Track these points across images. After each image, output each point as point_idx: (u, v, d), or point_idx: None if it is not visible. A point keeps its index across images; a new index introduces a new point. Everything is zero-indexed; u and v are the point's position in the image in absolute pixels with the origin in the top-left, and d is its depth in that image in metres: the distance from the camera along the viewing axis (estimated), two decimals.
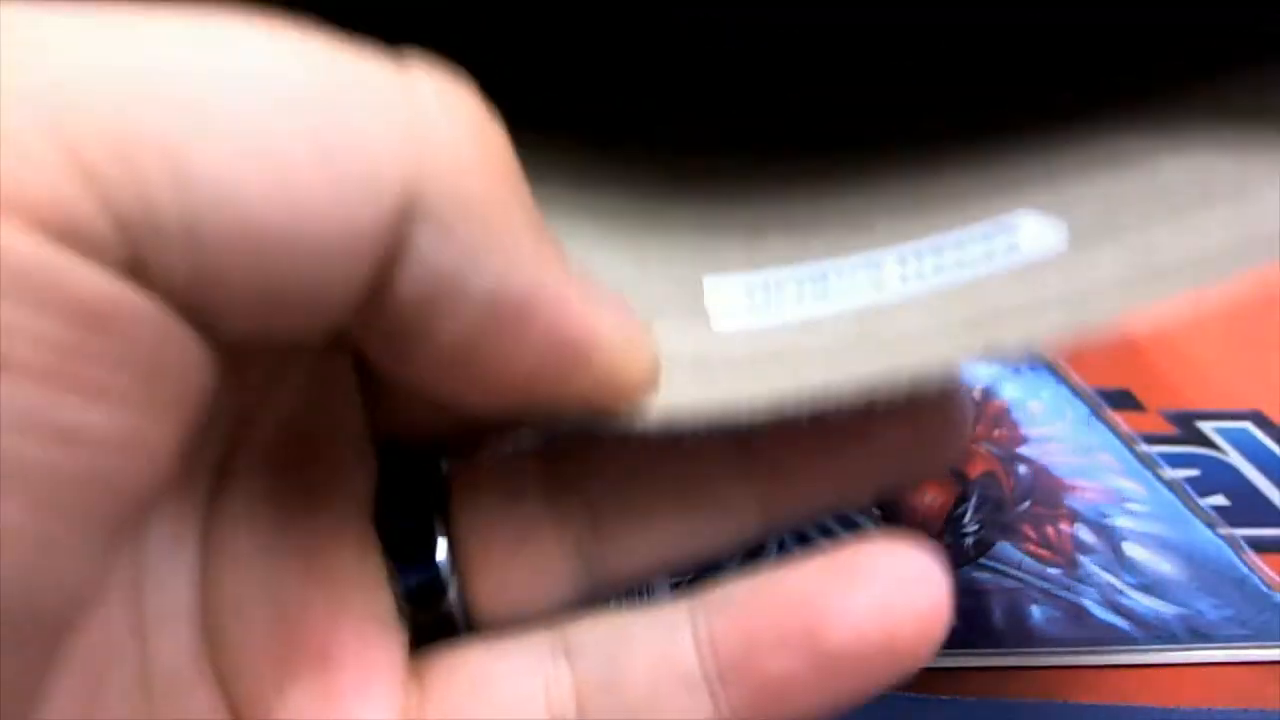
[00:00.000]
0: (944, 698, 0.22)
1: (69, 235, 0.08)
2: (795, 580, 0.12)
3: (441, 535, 0.13)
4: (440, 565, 0.13)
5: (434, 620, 0.13)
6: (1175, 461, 0.27)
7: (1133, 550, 0.25)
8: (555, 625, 0.13)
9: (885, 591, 0.11)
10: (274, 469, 0.12)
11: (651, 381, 0.12)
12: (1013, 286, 0.13)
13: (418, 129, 0.09)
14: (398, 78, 0.09)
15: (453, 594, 0.13)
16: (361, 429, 0.13)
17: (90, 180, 0.08)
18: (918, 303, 0.14)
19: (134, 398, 0.08)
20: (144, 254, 0.08)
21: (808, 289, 0.15)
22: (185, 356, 0.09)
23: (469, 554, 0.13)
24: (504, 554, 0.13)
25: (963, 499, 0.26)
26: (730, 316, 0.14)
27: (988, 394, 0.29)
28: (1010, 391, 0.29)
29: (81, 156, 0.08)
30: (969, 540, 0.26)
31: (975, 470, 0.27)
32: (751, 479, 0.13)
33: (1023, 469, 0.27)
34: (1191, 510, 0.27)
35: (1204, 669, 0.22)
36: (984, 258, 0.14)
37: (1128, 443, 0.28)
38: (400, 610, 0.13)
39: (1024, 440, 0.28)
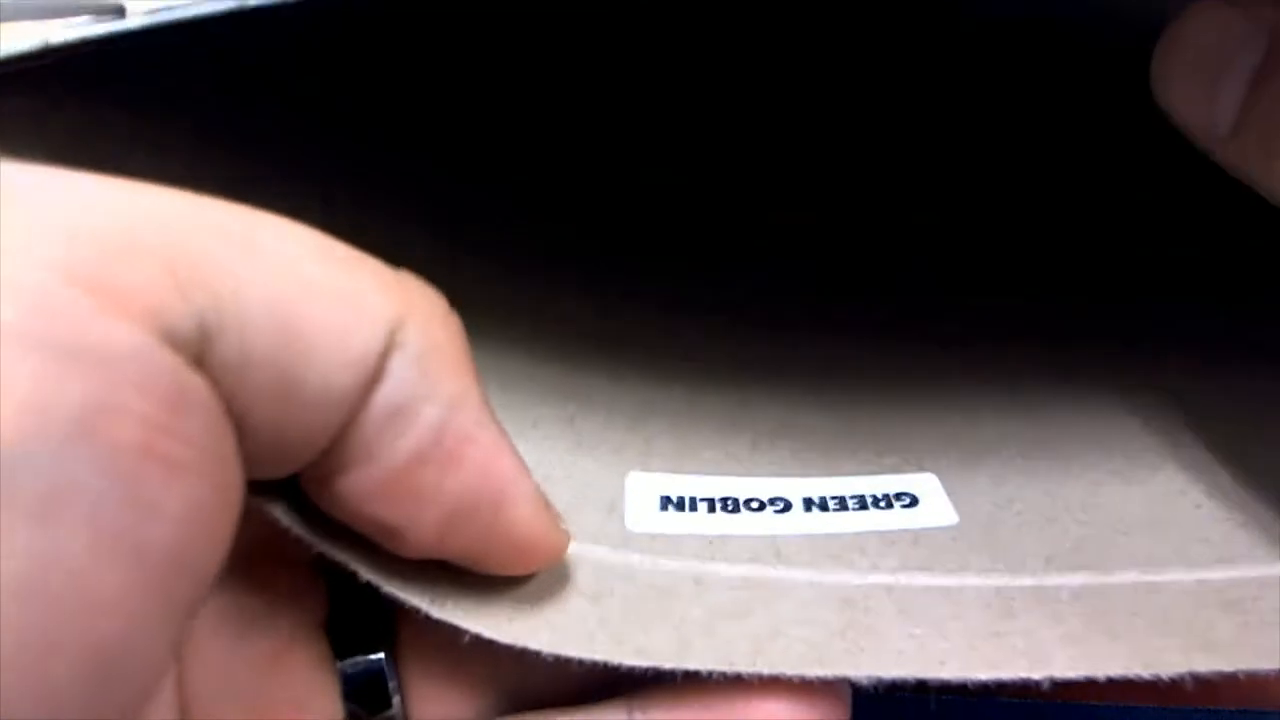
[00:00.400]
0: (944, 697, 0.22)
1: (165, 332, 0.10)
2: (720, 682, 0.13)
3: (387, 651, 0.15)
4: (386, 677, 0.14)
5: None
6: None
7: None
8: None
9: (794, 694, 0.13)
10: (237, 590, 0.14)
11: (558, 555, 0.14)
12: (893, 563, 0.15)
13: (402, 293, 0.12)
14: (391, 269, 0.12)
15: (396, 705, 0.14)
16: (310, 556, 0.14)
17: (182, 292, 0.10)
18: (810, 546, 0.15)
19: (203, 475, 0.10)
20: (208, 349, 0.10)
21: (719, 512, 0.16)
22: (233, 445, 0.10)
23: (411, 670, 0.15)
24: (443, 673, 0.15)
25: None
26: (644, 520, 0.16)
27: None
28: None
29: (177, 276, 0.10)
30: None
31: None
32: None
33: None
34: None
35: None
36: (882, 512, 0.16)
37: None
38: (349, 714, 0.14)
39: None
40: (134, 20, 0.13)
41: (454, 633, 0.13)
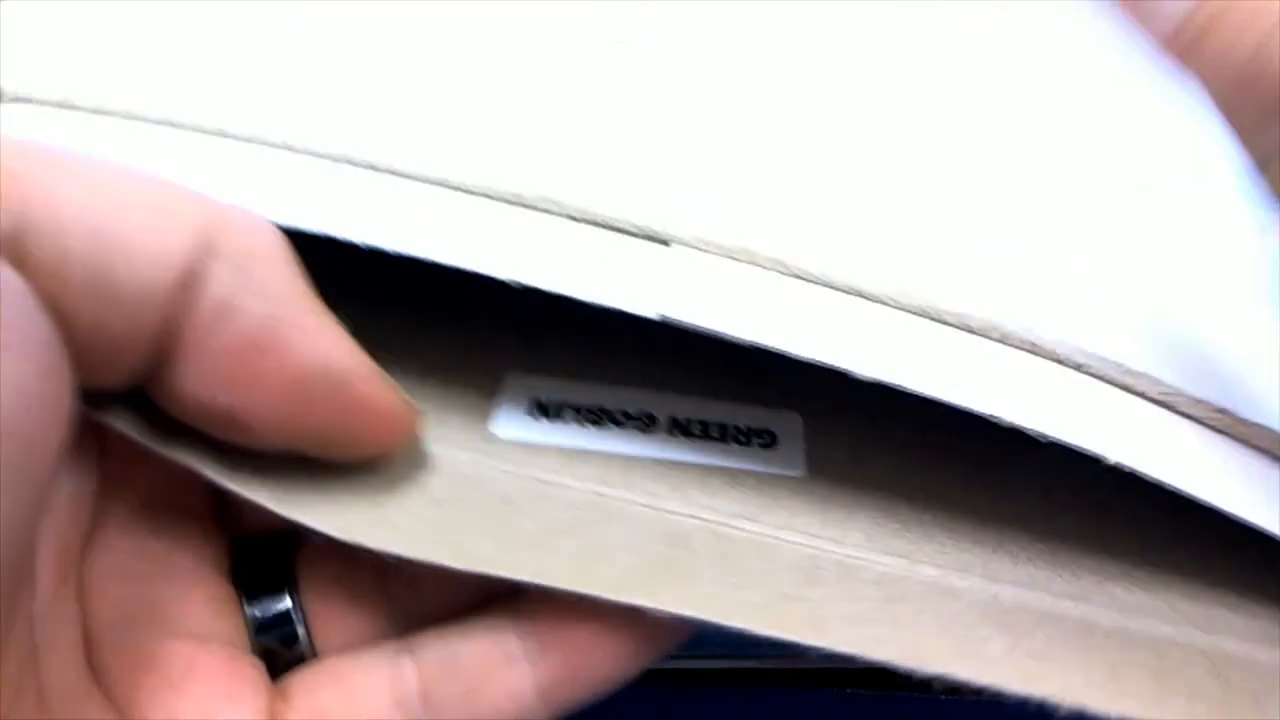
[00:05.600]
0: (943, 697, 0.21)
1: None
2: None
3: (290, 592, 0.16)
4: (292, 616, 0.15)
5: (288, 662, 0.15)
6: None
7: None
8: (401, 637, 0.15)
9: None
10: (136, 536, 0.15)
11: (407, 429, 0.14)
12: (728, 506, 0.15)
13: (215, 206, 0.13)
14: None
15: (303, 636, 0.15)
16: (210, 509, 0.16)
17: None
18: (657, 473, 0.16)
19: (24, 357, 0.11)
20: (24, 251, 0.11)
21: (585, 424, 0.17)
22: (55, 335, 0.11)
23: (311, 602, 0.16)
24: (341, 601, 0.16)
25: None
26: (510, 426, 0.16)
27: None
28: None
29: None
30: None
31: None
32: None
33: None
34: None
35: None
36: (740, 447, 0.17)
37: None
38: (258, 650, 0.15)
39: None
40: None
41: (346, 559, 0.14)
